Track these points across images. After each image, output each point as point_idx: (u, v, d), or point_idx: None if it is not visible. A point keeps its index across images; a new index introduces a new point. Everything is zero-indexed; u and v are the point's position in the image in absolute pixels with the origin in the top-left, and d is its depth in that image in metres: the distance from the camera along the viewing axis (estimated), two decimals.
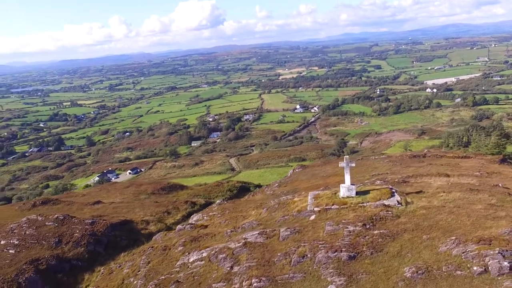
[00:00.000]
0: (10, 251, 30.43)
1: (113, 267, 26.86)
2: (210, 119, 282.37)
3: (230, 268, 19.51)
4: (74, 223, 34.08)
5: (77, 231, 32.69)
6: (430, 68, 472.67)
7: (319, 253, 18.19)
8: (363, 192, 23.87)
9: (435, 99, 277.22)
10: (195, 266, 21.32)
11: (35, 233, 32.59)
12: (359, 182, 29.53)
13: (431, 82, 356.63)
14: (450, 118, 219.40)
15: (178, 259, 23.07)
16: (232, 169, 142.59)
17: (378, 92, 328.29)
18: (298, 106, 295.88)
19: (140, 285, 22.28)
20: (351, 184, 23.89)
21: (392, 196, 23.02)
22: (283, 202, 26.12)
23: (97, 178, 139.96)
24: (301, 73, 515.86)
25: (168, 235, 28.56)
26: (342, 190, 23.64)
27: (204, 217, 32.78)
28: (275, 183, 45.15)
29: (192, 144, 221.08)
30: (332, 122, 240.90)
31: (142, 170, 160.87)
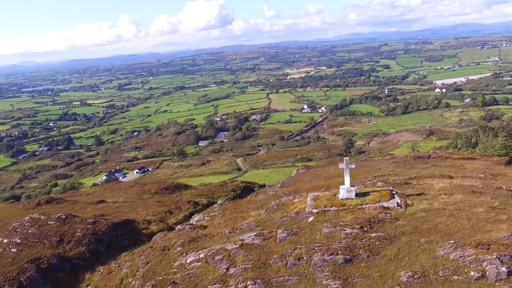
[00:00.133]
0: (13, 249, 30.63)
1: (112, 267, 26.93)
2: (218, 119, 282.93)
3: (226, 270, 19.40)
4: (76, 222, 34.23)
5: (78, 230, 32.80)
6: (439, 68, 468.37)
7: (315, 255, 18.00)
8: (363, 194, 23.60)
9: (444, 99, 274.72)
10: (192, 267, 21.25)
11: (37, 232, 32.78)
12: (361, 184, 29.25)
13: (440, 82, 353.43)
14: (459, 119, 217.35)
15: (176, 260, 23.02)
16: (238, 169, 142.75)
17: (386, 92, 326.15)
18: (305, 106, 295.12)
19: (137, 285, 22.27)
20: (351, 185, 23.65)
21: (392, 198, 22.73)
22: (282, 203, 25.96)
23: (104, 177, 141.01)
24: (309, 72, 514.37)
25: (167, 235, 28.55)
26: (342, 191, 23.41)
27: (205, 217, 32.72)
28: (277, 183, 44.98)
29: (199, 144, 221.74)
30: (339, 122, 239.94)
31: (149, 169, 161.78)
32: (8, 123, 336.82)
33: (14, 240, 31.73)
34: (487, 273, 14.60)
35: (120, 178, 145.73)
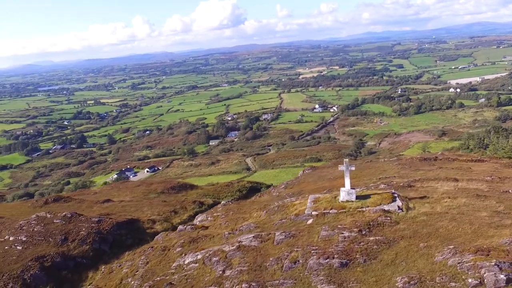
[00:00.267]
0: (18, 247, 31.01)
1: (113, 266, 27.06)
2: (229, 118, 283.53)
3: (222, 272, 19.30)
4: (81, 221, 34.53)
5: (83, 229, 33.05)
6: (454, 67, 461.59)
7: (311, 259, 17.78)
8: (364, 197, 23.26)
9: (458, 99, 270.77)
10: (189, 268, 21.20)
11: (43, 230, 33.14)
12: (364, 185, 28.86)
13: (454, 82, 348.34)
14: (472, 119, 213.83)
15: (175, 261, 23.01)
16: (248, 168, 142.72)
17: (399, 92, 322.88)
18: (317, 106, 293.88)
19: (136, 285, 22.30)
20: (351, 188, 23.31)
21: (393, 201, 22.34)
22: (282, 205, 25.76)
23: (115, 176, 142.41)
24: (321, 72, 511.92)
25: (169, 235, 28.59)
26: (342, 194, 23.10)
27: (208, 217, 32.69)
28: (282, 184, 44.74)
29: (210, 143, 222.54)
30: (351, 122, 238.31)
31: (160, 168, 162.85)
32: (24, 121, 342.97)
33: (19, 238, 32.13)
34: (485, 280, 14.19)
35: (131, 176, 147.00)
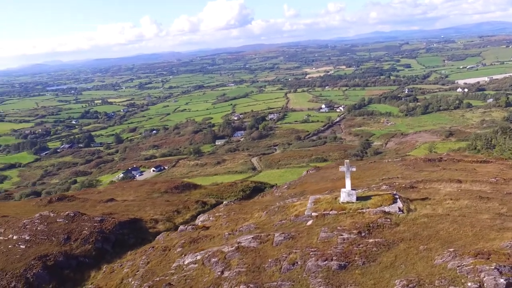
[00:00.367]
0: (21, 246, 31.20)
1: (115, 266, 27.13)
2: (235, 118, 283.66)
3: (220, 273, 19.24)
4: (83, 220, 34.67)
5: (86, 228, 33.19)
6: (462, 67, 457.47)
7: (309, 261, 17.65)
8: (365, 198, 23.07)
9: (465, 99, 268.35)
10: (189, 269, 21.17)
11: (46, 229, 33.32)
12: (366, 187, 28.63)
13: (462, 82, 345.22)
14: (480, 119, 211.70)
15: (175, 261, 23.01)
16: (253, 168, 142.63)
17: (406, 92, 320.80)
18: (323, 106, 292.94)
19: (136, 285, 22.32)
20: (352, 189, 23.13)
21: (394, 202, 22.12)
22: (283, 205, 25.63)
23: (121, 175, 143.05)
24: (328, 72, 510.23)
25: (170, 236, 28.60)
26: (342, 195, 22.93)
27: (210, 217, 32.63)
28: (284, 184, 44.61)
29: (216, 143, 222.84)
30: (357, 122, 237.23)
31: (166, 168, 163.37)
32: (32, 120, 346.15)
33: (23, 236, 32.32)
34: (484, 284, 13.96)
35: (137, 176, 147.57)
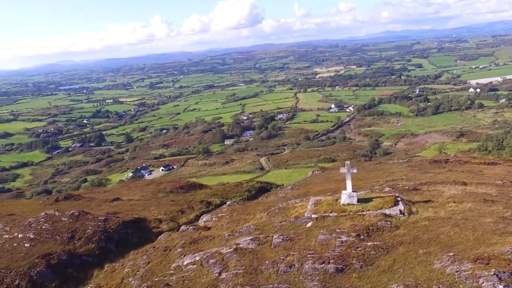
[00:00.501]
0: (26, 244, 31.58)
1: (116, 265, 27.24)
2: (244, 118, 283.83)
3: (218, 274, 19.17)
4: (88, 219, 34.93)
5: (89, 228, 33.44)
6: (474, 67, 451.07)
7: (307, 263, 17.48)
8: (366, 200, 22.78)
9: (477, 99, 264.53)
10: (187, 269, 21.15)
11: (51, 228, 33.65)
12: (369, 188, 28.31)
13: (474, 82, 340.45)
14: (492, 120, 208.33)
15: (174, 261, 23.02)
16: (261, 168, 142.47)
17: (417, 92, 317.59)
18: (333, 106, 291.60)
19: (135, 285, 22.37)
20: (353, 190, 22.87)
21: (395, 205, 21.80)
22: (284, 207, 25.46)
23: (130, 174, 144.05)
24: (338, 71, 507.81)
25: (172, 236, 28.63)
26: (343, 197, 22.68)
27: (213, 218, 32.62)
28: (289, 185, 44.38)
29: (225, 143, 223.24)
30: (367, 122, 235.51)
31: (174, 167, 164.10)
32: (45, 119, 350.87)
33: (28, 235, 32.70)
34: None
35: (146, 175, 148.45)
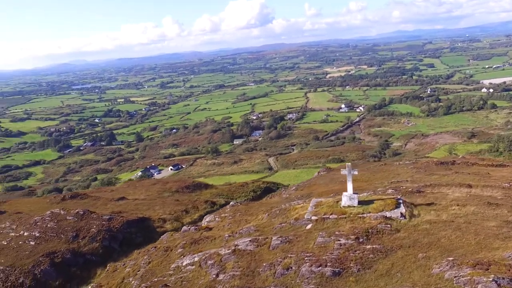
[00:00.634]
0: (31, 242, 31.90)
1: (118, 265, 27.34)
2: (254, 117, 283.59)
3: (216, 276, 19.09)
4: (92, 219, 35.19)
5: (94, 227, 33.68)
6: (487, 66, 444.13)
7: (304, 266, 17.31)
8: (367, 202, 22.51)
9: (490, 99, 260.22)
10: (186, 270, 21.11)
11: (56, 226, 33.97)
12: (372, 190, 27.97)
13: (487, 82, 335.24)
14: (505, 120, 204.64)
15: (174, 262, 23.01)
16: (269, 168, 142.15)
17: (428, 92, 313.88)
18: (343, 106, 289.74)
19: (135, 285, 22.40)
20: (354, 192, 22.62)
21: (396, 207, 21.49)
22: (285, 208, 25.29)
23: (140, 173, 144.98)
24: (349, 71, 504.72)
25: (173, 236, 28.66)
26: (344, 199, 22.45)
27: (216, 218, 32.59)
28: (293, 186, 44.15)
29: (234, 142, 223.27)
30: (377, 122, 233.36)
31: (183, 166, 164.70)
32: (57, 118, 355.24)
33: (33, 233, 33.04)
34: None
35: (155, 174, 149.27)
